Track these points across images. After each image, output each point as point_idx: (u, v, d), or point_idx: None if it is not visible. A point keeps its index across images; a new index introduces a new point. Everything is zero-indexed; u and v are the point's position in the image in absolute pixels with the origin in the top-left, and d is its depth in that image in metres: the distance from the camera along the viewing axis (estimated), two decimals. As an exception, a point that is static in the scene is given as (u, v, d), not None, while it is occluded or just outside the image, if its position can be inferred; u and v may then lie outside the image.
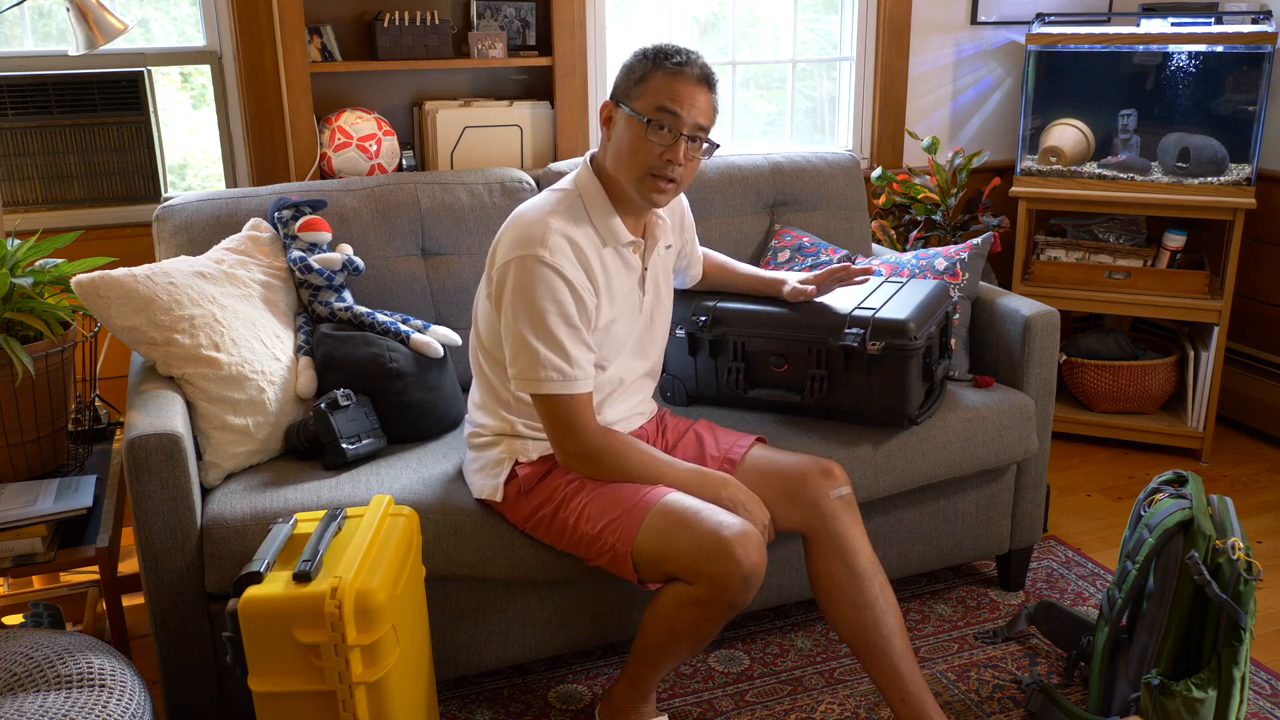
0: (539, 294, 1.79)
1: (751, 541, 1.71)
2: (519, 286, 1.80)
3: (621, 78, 1.88)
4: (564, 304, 1.80)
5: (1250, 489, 3.07)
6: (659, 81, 1.83)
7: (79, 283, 1.95)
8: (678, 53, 1.85)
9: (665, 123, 1.82)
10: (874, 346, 2.07)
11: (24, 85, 2.52)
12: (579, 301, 1.82)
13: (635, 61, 1.87)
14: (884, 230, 3.26)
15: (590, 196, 1.90)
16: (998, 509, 2.43)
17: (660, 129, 1.82)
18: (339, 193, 2.38)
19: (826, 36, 3.45)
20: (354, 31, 2.74)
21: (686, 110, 1.83)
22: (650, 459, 1.89)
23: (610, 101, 1.90)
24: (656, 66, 1.84)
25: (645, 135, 1.82)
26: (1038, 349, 2.38)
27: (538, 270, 1.79)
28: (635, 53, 1.89)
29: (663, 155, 1.83)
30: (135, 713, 1.51)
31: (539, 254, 1.79)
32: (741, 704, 2.13)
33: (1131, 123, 3.26)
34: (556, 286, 1.79)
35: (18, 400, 2.02)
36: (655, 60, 1.85)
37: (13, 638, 1.66)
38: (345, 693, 1.55)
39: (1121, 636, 1.98)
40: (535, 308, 1.79)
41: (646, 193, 1.87)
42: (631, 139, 1.84)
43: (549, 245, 1.80)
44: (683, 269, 2.26)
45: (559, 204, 1.88)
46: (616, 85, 1.89)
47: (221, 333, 2.01)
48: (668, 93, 1.82)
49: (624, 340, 1.98)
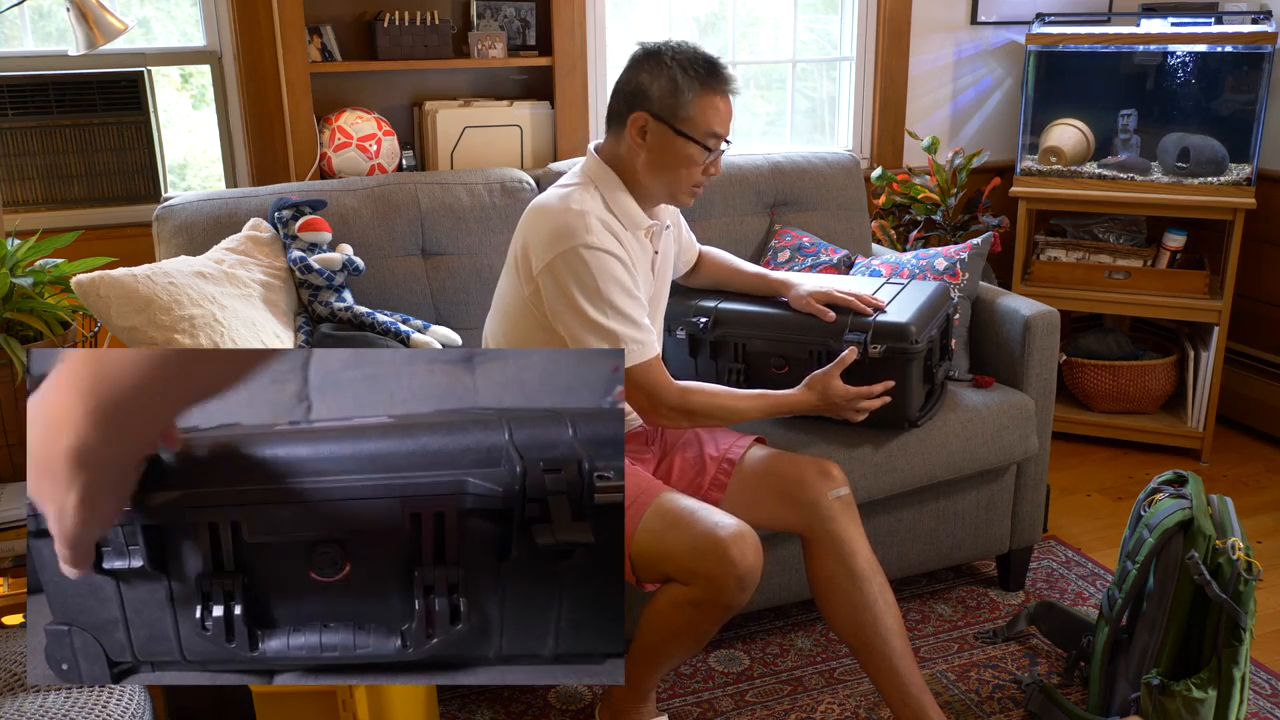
0: (598, 278, 1.79)
1: (747, 542, 1.71)
2: (575, 278, 1.79)
3: (663, 91, 1.83)
4: (621, 279, 1.82)
5: (1250, 489, 3.07)
6: (710, 104, 1.84)
7: (79, 283, 1.95)
8: (722, 67, 1.86)
9: (714, 147, 1.87)
10: (875, 350, 2.07)
11: (24, 85, 2.52)
12: (631, 274, 1.85)
13: (681, 76, 1.82)
14: (884, 230, 3.26)
15: (606, 186, 1.90)
16: (998, 509, 2.43)
17: (708, 151, 1.87)
18: (339, 193, 2.38)
19: (826, 36, 3.45)
20: (354, 31, 2.74)
21: (730, 126, 1.88)
22: (735, 392, 1.96)
23: (648, 115, 1.84)
24: (706, 88, 1.84)
25: (694, 157, 1.86)
26: (1038, 349, 2.38)
27: (588, 256, 1.79)
28: (674, 64, 1.83)
29: (705, 171, 1.89)
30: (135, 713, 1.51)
31: (586, 241, 1.79)
32: (741, 704, 2.13)
33: (1131, 123, 3.26)
34: (611, 265, 1.81)
35: (18, 400, 2.02)
36: (704, 81, 1.83)
37: (13, 638, 1.66)
38: (345, 692, 1.55)
39: (1121, 636, 1.98)
40: (597, 291, 1.79)
41: (683, 199, 1.92)
42: (677, 160, 1.86)
43: (591, 229, 1.80)
44: (675, 254, 2.26)
45: (581, 194, 1.87)
46: (656, 99, 1.83)
47: (222, 333, 2.00)
48: (720, 118, 1.86)
49: None
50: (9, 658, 1.59)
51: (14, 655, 1.60)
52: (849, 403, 2.00)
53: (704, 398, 1.91)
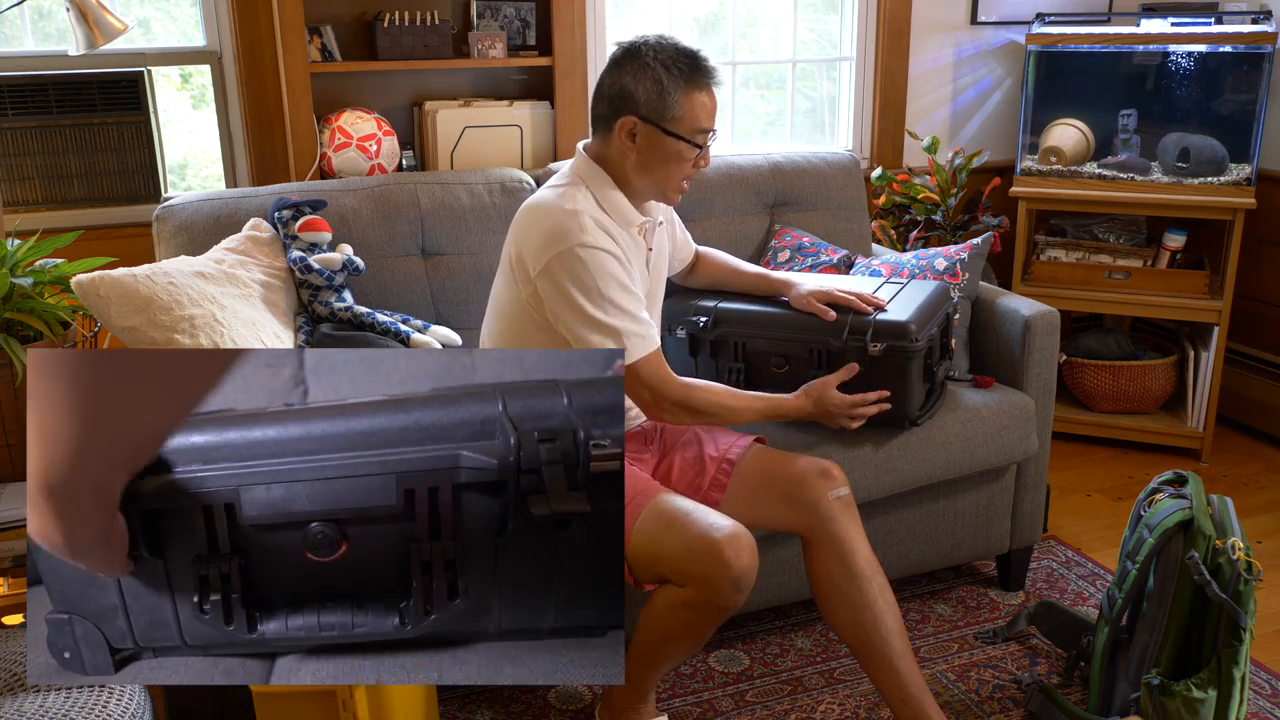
0: (596, 276, 1.80)
1: (742, 543, 1.70)
2: (573, 279, 1.80)
3: (650, 93, 1.82)
4: (619, 276, 1.83)
5: (1250, 489, 3.07)
6: (695, 101, 1.85)
7: (79, 283, 1.95)
8: (704, 61, 1.86)
9: (703, 143, 1.88)
10: (875, 348, 2.07)
11: (24, 85, 2.52)
12: (628, 270, 1.86)
13: (665, 77, 1.82)
14: (884, 230, 3.26)
15: (597, 184, 1.91)
16: (998, 509, 2.43)
17: (697, 148, 1.87)
18: (339, 193, 2.38)
19: (826, 36, 3.45)
20: (354, 31, 2.74)
21: (715, 118, 1.89)
22: (735, 392, 1.98)
23: (637, 118, 1.84)
24: (691, 85, 1.84)
25: (684, 154, 1.87)
26: (1038, 349, 2.38)
27: (585, 255, 1.80)
28: (657, 63, 1.83)
29: (695, 164, 1.90)
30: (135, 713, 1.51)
31: (581, 240, 1.80)
32: (741, 704, 2.13)
33: (1131, 123, 3.26)
34: (607, 263, 1.81)
35: (18, 400, 2.02)
36: (689, 78, 1.84)
37: (13, 638, 1.66)
38: (345, 692, 1.55)
39: (1121, 636, 1.98)
40: (596, 290, 1.80)
41: (673, 196, 1.93)
42: (666, 159, 1.87)
43: (585, 228, 1.81)
44: (670, 252, 2.26)
45: (573, 193, 1.88)
46: (643, 102, 1.83)
47: (222, 333, 2.00)
48: (705, 113, 1.86)
49: None
50: (9, 658, 1.59)
51: (14, 655, 1.60)
52: (844, 411, 2.03)
53: (706, 394, 1.93)
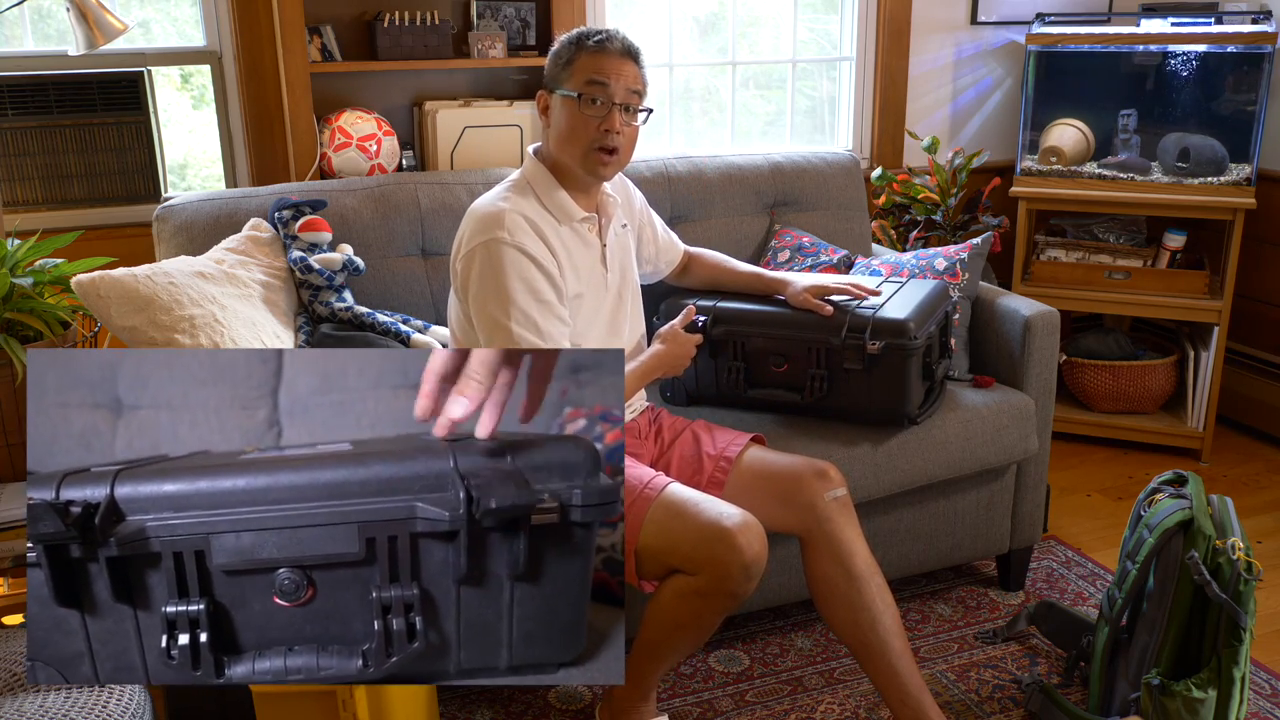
0: (506, 274, 1.83)
1: (753, 531, 1.72)
2: (485, 271, 1.84)
3: (550, 66, 1.96)
4: (531, 280, 1.84)
5: (1250, 489, 3.07)
6: (585, 60, 1.91)
7: (79, 283, 1.95)
8: (598, 32, 1.94)
9: (597, 95, 1.90)
10: (874, 346, 2.07)
11: (24, 85, 2.52)
12: (546, 275, 1.86)
13: (560, 48, 1.95)
14: (884, 230, 3.26)
15: (538, 181, 1.96)
16: (998, 509, 2.43)
17: (593, 102, 1.90)
18: (339, 193, 2.38)
19: (826, 36, 3.45)
20: (354, 31, 2.74)
21: (615, 80, 1.91)
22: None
23: (544, 91, 1.97)
24: (580, 48, 1.93)
25: (580, 111, 1.90)
26: (1038, 349, 2.38)
27: (501, 251, 1.83)
28: (559, 40, 1.97)
29: (600, 127, 1.91)
30: (135, 713, 1.51)
31: (499, 236, 1.84)
32: (741, 704, 2.13)
33: (1131, 123, 3.26)
34: (522, 264, 1.84)
35: (18, 400, 2.02)
36: (578, 43, 1.93)
37: (13, 638, 1.66)
38: (345, 692, 1.55)
39: (1121, 636, 1.98)
40: (502, 288, 1.82)
41: (593, 167, 1.93)
42: (569, 118, 1.91)
43: (507, 226, 1.85)
44: (651, 256, 2.26)
45: (510, 191, 1.94)
46: (547, 74, 1.97)
47: (222, 333, 2.00)
48: (594, 68, 1.91)
49: (593, 316, 1.99)
50: (9, 658, 1.59)
51: (14, 655, 1.60)
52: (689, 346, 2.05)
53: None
